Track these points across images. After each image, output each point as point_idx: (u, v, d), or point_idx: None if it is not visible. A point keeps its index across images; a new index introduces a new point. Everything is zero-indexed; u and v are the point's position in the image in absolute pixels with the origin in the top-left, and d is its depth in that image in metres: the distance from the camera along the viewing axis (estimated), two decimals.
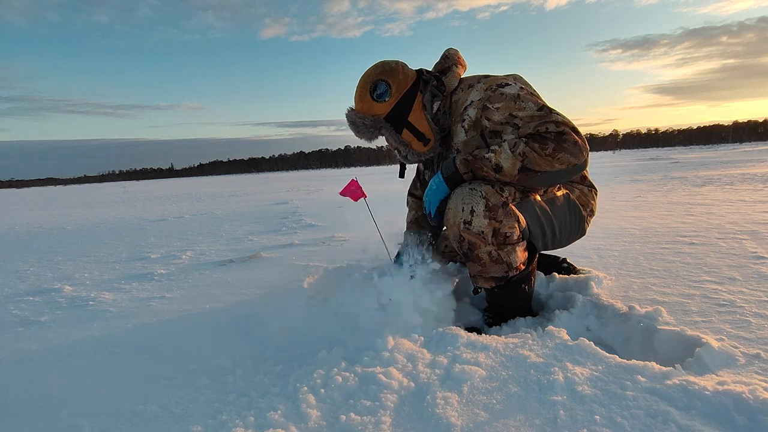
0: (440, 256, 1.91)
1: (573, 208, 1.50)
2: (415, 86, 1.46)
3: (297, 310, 1.61)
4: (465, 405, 0.92)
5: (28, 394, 1.10)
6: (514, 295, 1.40)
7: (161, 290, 2.03)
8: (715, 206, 3.54)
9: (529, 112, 1.29)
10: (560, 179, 1.33)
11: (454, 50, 1.56)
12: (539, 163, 1.24)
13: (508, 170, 1.27)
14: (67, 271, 2.59)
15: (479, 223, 1.30)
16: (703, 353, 1.05)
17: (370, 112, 1.46)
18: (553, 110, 1.30)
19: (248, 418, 0.91)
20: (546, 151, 1.23)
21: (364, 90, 1.45)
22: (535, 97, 1.35)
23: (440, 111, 1.46)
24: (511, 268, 1.34)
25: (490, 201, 1.29)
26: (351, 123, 1.49)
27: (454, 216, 1.33)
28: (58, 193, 23.08)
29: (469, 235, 1.32)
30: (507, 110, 1.31)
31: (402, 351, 1.14)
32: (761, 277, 1.63)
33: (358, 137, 1.51)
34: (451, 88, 1.47)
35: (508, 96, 1.33)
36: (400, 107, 1.45)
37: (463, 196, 1.32)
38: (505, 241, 1.32)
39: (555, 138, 1.24)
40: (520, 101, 1.31)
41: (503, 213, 1.30)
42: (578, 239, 1.58)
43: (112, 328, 1.56)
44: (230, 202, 8.25)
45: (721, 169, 8.31)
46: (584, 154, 1.26)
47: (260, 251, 2.81)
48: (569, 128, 1.26)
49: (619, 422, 0.83)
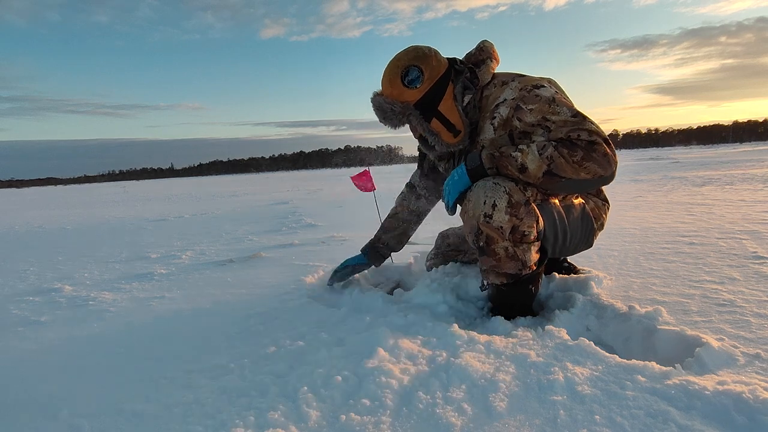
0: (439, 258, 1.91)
1: (586, 219, 1.49)
2: (447, 75, 1.41)
3: (297, 310, 1.61)
4: (465, 405, 0.92)
5: (28, 394, 1.10)
6: (520, 293, 1.40)
7: (161, 290, 2.03)
8: (715, 206, 3.54)
9: (563, 117, 1.27)
10: (583, 188, 1.33)
11: (490, 43, 1.52)
12: (565, 169, 1.23)
13: (533, 172, 1.26)
14: (67, 271, 2.59)
15: (500, 218, 1.29)
16: (703, 353, 1.05)
17: (400, 98, 1.40)
18: (587, 118, 1.28)
19: (248, 418, 0.91)
20: (574, 158, 1.22)
21: (395, 75, 1.38)
22: (570, 103, 1.33)
23: (470, 104, 1.42)
24: (525, 266, 1.34)
25: (513, 197, 1.28)
26: (377, 108, 1.42)
27: (475, 208, 1.31)
28: (58, 193, 23.08)
29: (488, 228, 1.31)
30: (540, 113, 1.29)
31: (402, 350, 1.14)
32: (761, 277, 1.63)
33: (383, 123, 1.44)
34: (484, 82, 1.43)
35: (543, 99, 1.31)
36: (431, 95, 1.39)
37: (486, 190, 1.30)
38: (522, 239, 1.31)
39: (585, 146, 1.23)
40: (554, 105, 1.29)
41: (525, 211, 1.29)
42: (584, 251, 1.57)
43: (112, 328, 1.56)
44: (230, 201, 8.25)
45: (721, 169, 8.31)
46: (612, 166, 1.25)
47: (260, 251, 2.81)
48: (601, 138, 1.24)
49: (619, 422, 0.83)
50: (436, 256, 1.92)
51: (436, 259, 1.91)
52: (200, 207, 7.25)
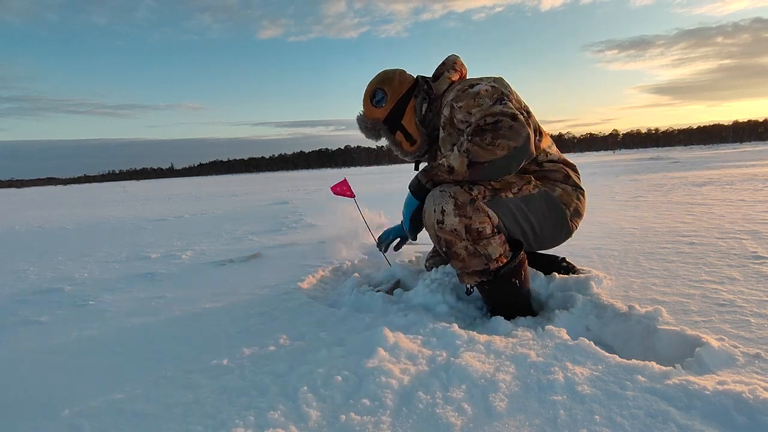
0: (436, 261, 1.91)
1: (553, 206, 1.48)
2: (410, 92, 1.63)
3: (297, 310, 1.61)
4: (465, 404, 0.92)
5: (28, 394, 1.10)
6: (504, 289, 1.41)
7: (161, 290, 2.03)
8: (715, 206, 3.54)
9: (483, 108, 1.33)
10: (511, 167, 1.33)
11: (454, 56, 1.67)
12: (482, 155, 1.28)
13: (459, 168, 1.33)
14: (67, 271, 2.59)
15: (450, 221, 1.35)
16: (703, 353, 1.05)
17: (371, 116, 1.68)
18: (502, 102, 1.33)
19: (248, 418, 0.91)
20: (485, 140, 1.27)
21: (366, 97, 1.68)
22: (496, 95, 1.36)
23: (429, 113, 1.61)
24: (490, 259, 1.37)
25: (458, 199, 1.35)
26: (358, 125, 1.74)
27: (428, 217, 1.40)
28: (58, 193, 23.08)
29: (443, 233, 1.38)
30: (467, 108, 1.38)
31: (402, 350, 1.14)
32: (761, 277, 1.63)
33: (365, 137, 1.75)
34: (439, 92, 1.60)
35: (470, 94, 1.39)
36: (395, 111, 1.64)
37: (434, 198, 1.39)
38: (479, 236, 1.36)
39: (491, 127, 1.27)
40: (478, 98, 1.36)
41: (471, 209, 1.35)
42: (566, 240, 1.57)
43: (112, 328, 1.56)
44: (230, 201, 8.25)
45: (721, 169, 8.31)
46: (522, 134, 1.25)
47: (260, 251, 2.81)
48: (507, 116, 1.26)
49: (619, 422, 0.83)
50: (435, 256, 1.92)
51: (436, 259, 1.92)
52: (200, 207, 7.25)
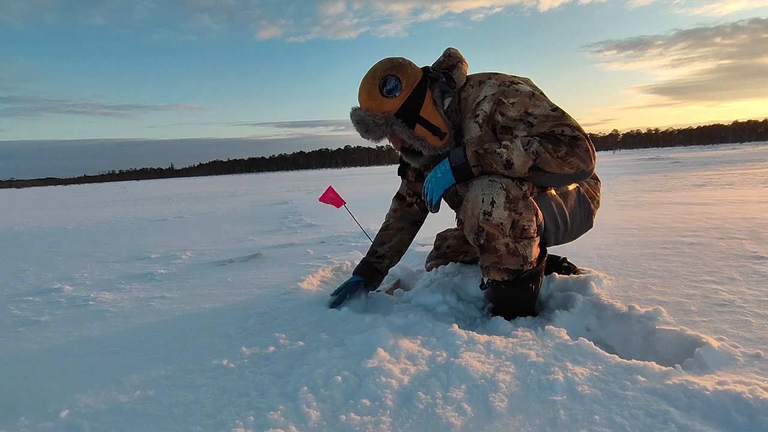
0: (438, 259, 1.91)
1: (583, 201, 1.52)
2: (423, 82, 1.41)
3: (297, 310, 1.61)
4: (465, 404, 0.92)
5: (28, 394, 1.10)
6: (520, 293, 1.40)
7: (161, 290, 2.03)
8: (715, 206, 3.54)
9: (544, 111, 1.29)
10: (563, 182, 1.37)
11: (455, 49, 1.54)
12: (550, 164, 1.25)
13: (519, 167, 1.28)
14: (67, 271, 2.59)
15: (499, 214, 1.29)
16: (703, 353, 1.05)
17: (380, 109, 1.37)
18: (567, 113, 1.31)
19: (248, 418, 0.91)
20: (559, 153, 1.24)
21: (373, 86, 1.37)
22: (548, 99, 1.36)
23: (451, 107, 1.42)
24: (526, 261, 1.34)
25: (510, 193, 1.30)
26: (359, 122, 1.40)
27: (474, 207, 1.32)
28: (58, 193, 23.07)
29: (488, 226, 1.31)
30: (522, 106, 1.31)
31: (402, 350, 1.14)
32: (761, 277, 1.63)
33: (365, 137, 1.42)
34: (460, 84, 1.44)
35: (524, 93, 1.33)
36: (412, 103, 1.38)
37: (483, 187, 1.31)
38: (523, 234, 1.32)
39: (569, 142, 1.25)
40: (535, 99, 1.32)
41: (523, 205, 1.31)
42: (586, 232, 1.60)
43: (112, 328, 1.56)
44: (230, 201, 8.25)
45: (721, 169, 8.31)
46: (593, 162, 1.29)
47: (260, 251, 2.81)
48: (583, 134, 1.27)
49: (619, 422, 0.83)
50: (436, 257, 1.92)
51: (436, 260, 1.92)
52: (200, 207, 7.25)
